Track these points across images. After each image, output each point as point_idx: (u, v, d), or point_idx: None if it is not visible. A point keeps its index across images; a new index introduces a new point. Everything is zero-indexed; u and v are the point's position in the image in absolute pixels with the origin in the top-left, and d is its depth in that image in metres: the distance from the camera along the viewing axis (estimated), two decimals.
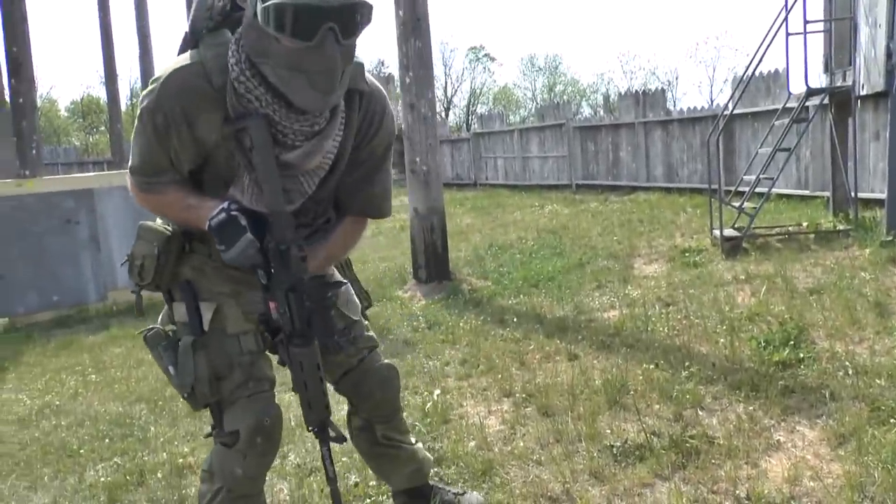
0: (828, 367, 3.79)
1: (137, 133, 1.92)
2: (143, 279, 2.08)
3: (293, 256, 1.91)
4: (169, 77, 1.85)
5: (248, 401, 2.05)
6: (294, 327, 1.93)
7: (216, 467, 2.10)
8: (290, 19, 1.67)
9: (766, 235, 7.57)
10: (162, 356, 2.07)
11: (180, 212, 2.00)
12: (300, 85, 1.77)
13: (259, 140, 1.85)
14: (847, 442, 2.99)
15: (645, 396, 3.58)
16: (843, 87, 7.90)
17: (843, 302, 4.83)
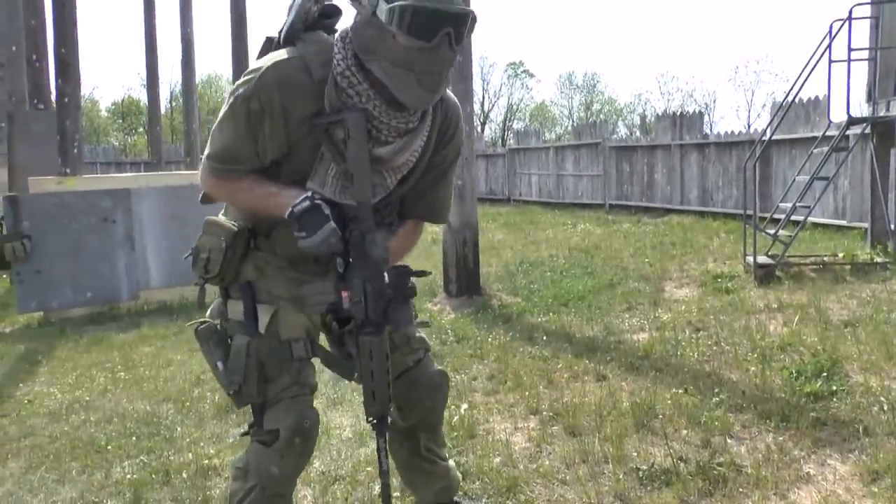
0: (861, 402, 3.72)
1: (225, 120, 1.97)
2: (208, 272, 2.13)
3: (378, 246, 1.95)
4: (270, 68, 1.91)
5: (290, 402, 2.07)
6: (367, 316, 1.95)
7: (252, 465, 2.12)
8: (416, 20, 1.76)
9: (800, 264, 7.47)
10: (212, 351, 2.11)
11: (257, 198, 2.03)
12: (409, 83, 1.85)
13: (356, 132, 1.91)
14: (881, 479, 2.93)
15: (673, 421, 3.54)
16: (886, 117, 7.80)
17: (880, 336, 4.75)
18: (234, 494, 2.17)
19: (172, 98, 39.25)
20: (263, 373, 2.06)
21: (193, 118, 19.38)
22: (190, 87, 19.60)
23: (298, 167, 2.01)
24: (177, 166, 21.36)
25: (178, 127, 34.65)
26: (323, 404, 4.29)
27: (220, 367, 2.08)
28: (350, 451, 3.55)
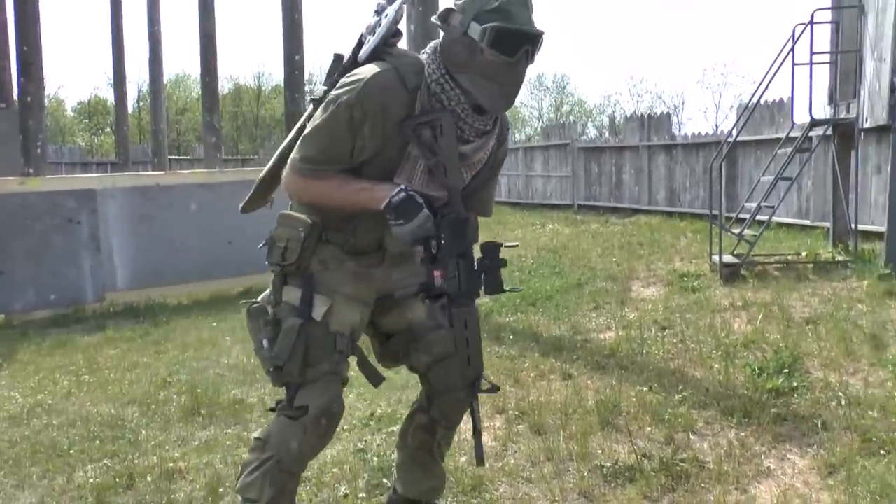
0: (821, 397, 3.80)
1: (325, 124, 2.18)
2: (286, 260, 2.30)
3: (471, 226, 2.21)
4: (373, 77, 2.15)
5: (324, 383, 2.25)
6: (461, 289, 2.18)
7: (273, 437, 2.25)
8: (503, 39, 2.08)
9: (764, 263, 7.59)
10: (261, 329, 2.28)
11: (348, 194, 2.22)
12: (493, 91, 2.16)
13: (448, 129, 2.18)
14: (837, 472, 3.00)
15: (637, 418, 3.59)
16: (846, 119, 7.94)
17: (839, 333, 4.85)
18: (248, 464, 2.29)
19: (140, 97, 38.81)
20: (307, 356, 2.23)
21: (161, 118, 19.19)
22: (158, 87, 19.38)
23: (384, 165, 2.23)
24: (144, 167, 21.14)
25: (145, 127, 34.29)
26: None
27: (265, 344, 2.25)
28: None
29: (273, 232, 2.36)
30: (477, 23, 2.10)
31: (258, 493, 2.24)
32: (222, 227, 8.35)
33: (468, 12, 2.12)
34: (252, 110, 38.63)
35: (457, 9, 2.16)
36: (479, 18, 2.10)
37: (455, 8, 2.16)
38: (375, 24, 2.31)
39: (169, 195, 8.23)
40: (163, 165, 18.50)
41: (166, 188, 8.27)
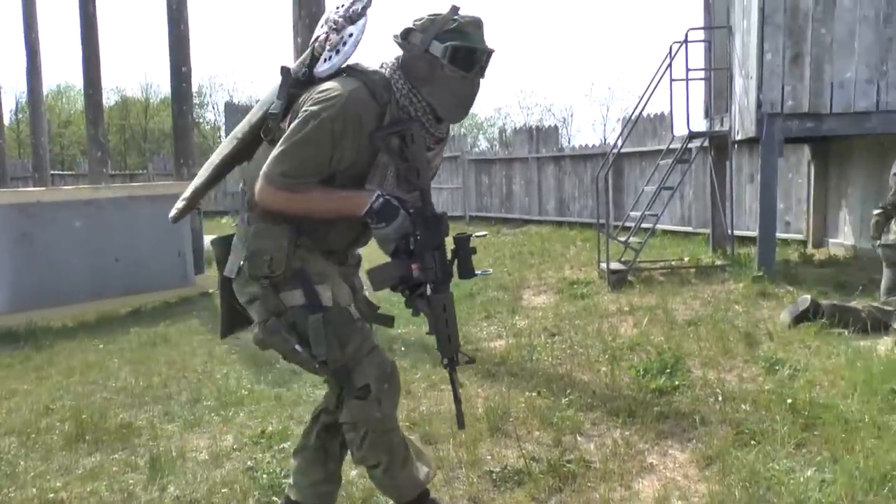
0: (700, 394, 3.98)
1: (305, 139, 2.30)
2: (273, 271, 2.39)
3: (443, 223, 2.44)
4: (351, 93, 2.32)
5: (369, 358, 2.43)
6: (438, 277, 2.41)
7: (357, 417, 2.45)
8: (462, 56, 2.34)
9: (650, 269, 7.89)
10: (287, 339, 2.40)
11: (331, 203, 2.39)
12: (451, 103, 2.41)
13: (418, 136, 2.39)
14: (713, 463, 3.15)
15: (526, 423, 3.67)
16: (720, 131, 8.36)
17: (718, 333, 5.09)
18: (352, 442, 2.51)
19: (19, 109, 36.93)
20: (340, 338, 2.39)
21: (42, 131, 18.32)
22: (37, 98, 18.48)
23: (355, 172, 2.40)
24: (24, 182, 20.12)
25: (25, 140, 32.65)
26: (180, 427, 4.19)
27: (299, 349, 2.39)
28: (206, 472, 3.48)
29: (253, 246, 2.42)
30: (438, 41, 2.34)
31: (377, 459, 2.50)
32: (109, 244, 8.08)
33: (429, 32, 2.36)
34: (140, 123, 37.31)
35: (417, 28, 2.39)
36: (440, 37, 2.34)
37: (415, 27, 2.39)
38: (338, 41, 2.45)
39: (51, 212, 7.87)
40: (44, 181, 17.65)
41: (48, 205, 7.91)
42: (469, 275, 2.50)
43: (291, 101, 2.46)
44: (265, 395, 4.65)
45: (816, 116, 7.11)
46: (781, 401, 3.69)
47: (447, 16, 2.38)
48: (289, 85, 2.48)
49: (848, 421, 3.40)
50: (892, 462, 2.92)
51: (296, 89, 2.47)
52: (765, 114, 7.08)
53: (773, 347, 4.77)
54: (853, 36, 7.00)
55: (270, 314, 2.42)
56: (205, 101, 38.76)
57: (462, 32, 2.35)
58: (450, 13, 2.38)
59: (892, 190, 5.14)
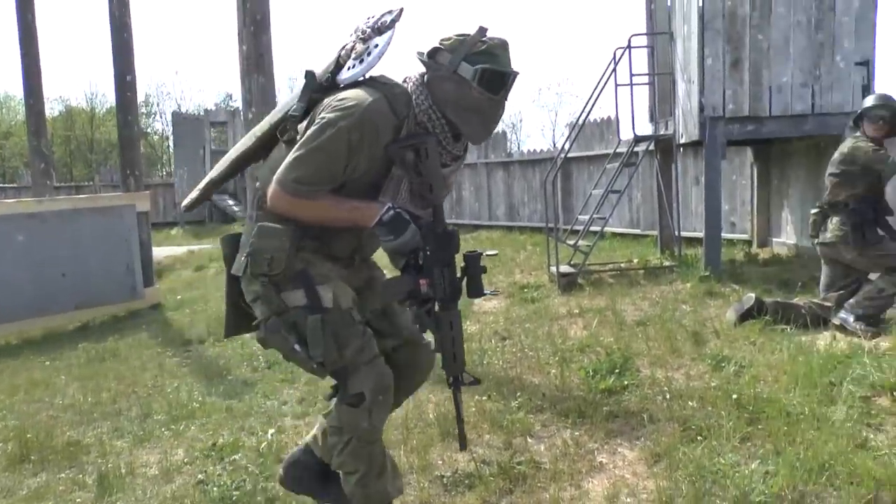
0: (648, 393, 4.05)
1: (322, 146, 2.33)
2: (272, 270, 2.41)
3: (455, 239, 2.46)
4: (370, 104, 2.35)
5: (368, 367, 2.44)
6: (446, 294, 2.43)
7: (344, 423, 2.47)
8: (491, 79, 2.38)
9: (599, 272, 7.99)
10: (286, 338, 2.42)
11: (340, 212, 2.41)
12: (477, 124, 2.44)
13: (433, 151, 2.41)
14: (661, 460, 3.21)
15: (477, 427, 3.69)
16: (665, 135, 8.50)
17: (666, 332, 5.18)
18: (334, 446, 2.53)
19: None
20: (338, 341, 2.40)
21: None
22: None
23: (368, 183, 2.43)
24: None
25: None
26: (129, 443, 4.13)
27: (297, 348, 2.41)
28: (156, 488, 3.44)
29: (255, 244, 2.43)
30: (467, 63, 2.37)
31: (354, 467, 2.51)
32: (55, 258, 7.94)
33: (458, 53, 2.39)
34: (86, 133, 36.56)
35: (445, 48, 2.42)
36: (470, 59, 2.37)
37: (443, 47, 2.42)
38: (363, 51, 2.48)
39: None
40: None
41: None
42: (478, 294, 2.52)
43: (312, 105, 2.50)
44: (217, 407, 4.61)
45: (756, 119, 7.28)
46: (727, 397, 3.76)
47: (476, 37, 2.41)
48: (311, 89, 2.53)
49: (790, 414, 3.49)
50: (829, 452, 3.00)
51: (318, 94, 2.51)
52: (707, 117, 7.23)
53: (720, 345, 4.87)
54: (788, 41, 7.20)
55: (272, 313, 2.44)
56: (152, 110, 38.15)
57: (491, 55, 2.40)
58: (478, 34, 2.41)
59: (828, 189, 5.29)
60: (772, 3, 7.17)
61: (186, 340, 6.94)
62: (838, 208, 5.21)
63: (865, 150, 5.10)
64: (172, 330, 7.68)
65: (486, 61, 2.38)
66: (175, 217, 22.06)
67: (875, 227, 5.17)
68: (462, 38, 2.42)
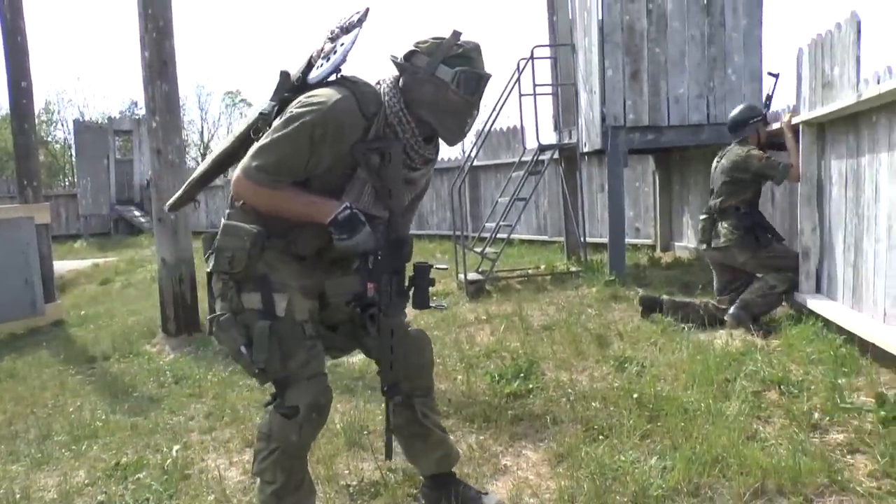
0: (553, 395, 4.15)
1: (285, 139, 2.37)
2: (232, 268, 2.44)
3: (408, 247, 2.52)
4: (336, 102, 2.38)
5: (308, 382, 2.46)
6: (391, 302, 2.47)
7: (275, 432, 2.48)
8: (469, 82, 2.47)
9: (507, 278, 8.12)
10: (235, 338, 2.43)
11: (298, 206, 2.43)
12: (453, 124, 2.52)
13: (396, 156, 2.47)
14: (564, 460, 3.29)
15: (383, 435, 3.68)
16: (569, 144, 8.71)
17: (571, 336, 5.31)
18: (259, 452, 2.54)
19: None
20: (283, 350, 2.42)
21: None
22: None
23: (331, 181, 2.46)
24: None
25: None
26: (26, 466, 3.99)
27: (243, 350, 2.41)
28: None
29: (218, 241, 2.48)
30: (446, 66, 2.45)
31: (273, 477, 2.50)
32: None
33: (436, 56, 2.46)
34: None
35: (422, 51, 2.48)
36: (448, 62, 2.45)
37: (419, 50, 2.49)
38: (331, 50, 2.52)
39: None
40: None
41: None
42: (423, 305, 2.57)
43: (283, 105, 2.53)
44: (121, 425, 4.50)
45: (656, 129, 7.54)
46: (629, 396, 3.88)
47: (451, 41, 2.49)
48: (284, 89, 2.57)
49: (687, 410, 3.62)
50: (723, 445, 3.14)
51: (290, 94, 2.55)
52: (609, 127, 7.45)
53: (623, 347, 5.02)
54: (683, 55, 7.50)
55: (229, 311, 2.47)
56: (53, 118, 36.70)
57: (468, 58, 2.48)
58: (453, 38, 2.49)
59: (720, 195, 5.53)
60: (667, 18, 7.46)
61: (90, 357, 6.73)
62: (729, 213, 5.46)
63: (759, 157, 5.37)
64: (75, 347, 7.43)
65: (463, 64, 2.46)
66: (78, 229, 21.33)
67: (764, 230, 5.44)
68: (438, 41, 2.49)
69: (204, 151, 44.20)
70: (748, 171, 5.38)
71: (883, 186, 4.20)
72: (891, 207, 4.10)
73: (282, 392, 2.48)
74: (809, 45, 5.31)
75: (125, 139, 24.26)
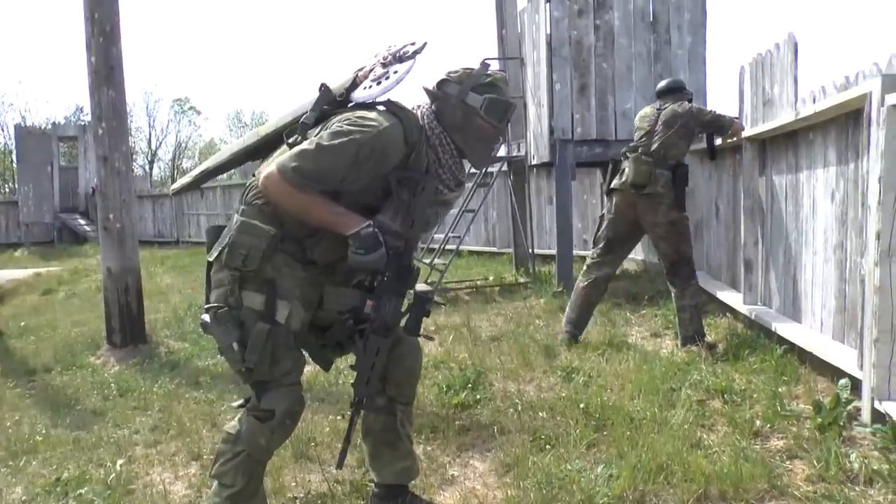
0: (500, 406, 4.17)
1: (331, 149, 2.43)
2: (245, 266, 2.50)
3: (414, 274, 2.62)
4: (387, 128, 2.47)
5: (287, 389, 2.54)
6: (385, 323, 2.54)
7: (244, 434, 2.54)
8: (497, 108, 2.61)
9: (456, 289, 8.15)
10: (230, 332, 2.49)
11: (326, 214, 2.50)
12: (481, 149, 2.67)
13: (427, 191, 2.58)
14: (511, 470, 3.31)
15: (330, 447, 3.68)
16: (518, 156, 8.80)
17: (519, 347, 5.35)
18: (222, 454, 2.59)
19: None
20: (274, 355, 2.49)
21: None
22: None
23: (361, 199, 2.54)
24: None
25: None
26: None
27: (235, 347, 2.47)
28: None
29: (234, 237, 2.53)
30: (475, 94, 2.58)
31: (232, 480, 2.54)
32: None
33: (466, 84, 2.60)
34: None
35: (452, 80, 2.62)
36: (477, 90, 2.59)
37: (450, 79, 2.62)
38: (382, 74, 2.62)
39: None
40: None
41: None
42: (415, 333, 2.64)
43: (323, 117, 2.61)
44: (62, 439, 4.39)
45: (604, 143, 7.65)
46: (576, 406, 3.93)
47: (481, 70, 2.63)
48: (325, 102, 2.64)
49: (633, 419, 3.68)
50: (667, 453, 3.20)
51: (329, 107, 2.64)
52: (557, 140, 7.55)
53: (570, 357, 5.07)
54: (630, 70, 7.65)
55: (226, 304, 2.51)
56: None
57: (495, 86, 2.62)
58: (483, 68, 2.63)
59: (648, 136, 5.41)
60: (615, 34, 7.60)
61: (30, 370, 6.55)
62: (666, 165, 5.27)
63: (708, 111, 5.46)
64: (14, 359, 7.22)
65: (491, 92, 2.60)
66: (19, 237, 20.81)
67: None
68: (469, 70, 2.63)
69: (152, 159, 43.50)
70: (699, 121, 5.35)
71: (819, 201, 4.35)
72: (826, 222, 4.24)
73: (259, 395, 2.54)
74: (751, 63, 5.47)
75: (70, 145, 23.75)
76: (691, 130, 5.35)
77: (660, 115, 5.38)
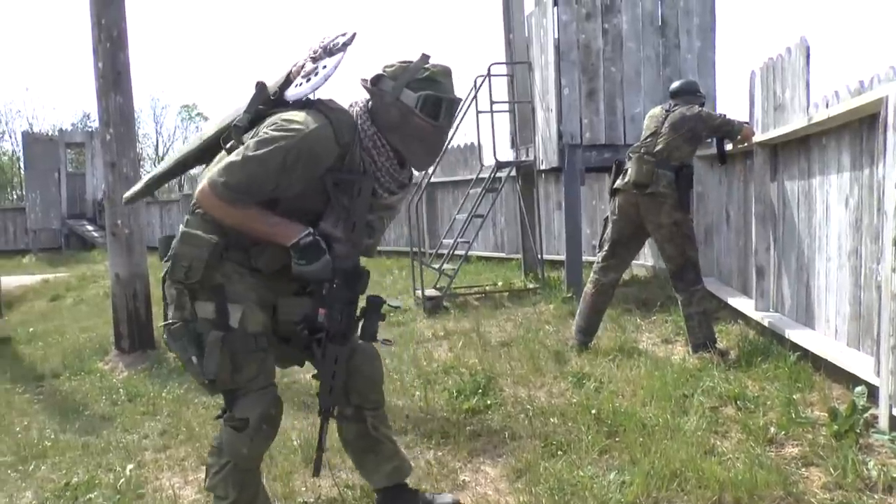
0: (511, 411, 4.15)
1: (256, 160, 2.35)
2: (188, 278, 2.42)
3: (363, 280, 2.54)
4: (313, 130, 2.37)
5: (258, 394, 2.47)
6: (339, 330, 2.49)
7: (226, 445, 2.50)
8: (434, 106, 2.44)
9: (465, 294, 8.13)
10: (186, 347, 2.43)
11: (263, 225, 2.43)
12: (420, 150, 2.52)
13: (365, 192, 2.48)
14: (523, 475, 3.29)
15: (340, 452, 3.63)
16: (526, 161, 8.77)
17: (529, 352, 5.33)
18: (211, 467, 2.57)
19: None
20: (234, 362, 2.41)
21: None
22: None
23: (302, 205, 2.46)
24: None
25: None
26: None
27: (194, 360, 2.41)
28: None
29: (176, 249, 2.45)
30: (410, 90, 2.43)
31: (225, 492, 2.52)
32: None
33: (401, 80, 2.44)
34: None
35: (387, 75, 2.47)
36: (412, 86, 2.43)
37: (386, 74, 2.47)
38: (311, 70, 2.49)
39: None
40: None
41: None
42: (371, 338, 2.59)
43: (258, 117, 2.52)
44: (71, 444, 4.39)
45: (613, 147, 7.59)
46: (587, 412, 3.90)
47: (418, 64, 2.46)
48: (259, 102, 2.54)
49: (646, 426, 3.66)
50: (681, 459, 3.17)
51: (265, 107, 2.54)
52: (566, 144, 7.51)
53: (581, 363, 5.04)
54: (639, 74, 7.62)
55: (181, 319, 2.45)
56: (1, 129, 35.95)
57: (433, 81, 2.46)
58: (420, 61, 2.47)
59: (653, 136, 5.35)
60: (623, 38, 7.58)
61: (39, 375, 6.56)
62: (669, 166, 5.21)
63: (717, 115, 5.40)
64: (23, 365, 7.24)
65: (428, 88, 2.44)
66: (27, 244, 20.84)
67: None
68: (405, 64, 2.47)
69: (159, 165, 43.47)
70: (708, 126, 5.27)
71: (833, 207, 4.31)
72: (840, 228, 4.21)
73: (231, 405, 2.49)
74: (761, 68, 5.44)
75: (77, 151, 23.80)
76: (699, 135, 5.30)
77: (668, 117, 5.33)
